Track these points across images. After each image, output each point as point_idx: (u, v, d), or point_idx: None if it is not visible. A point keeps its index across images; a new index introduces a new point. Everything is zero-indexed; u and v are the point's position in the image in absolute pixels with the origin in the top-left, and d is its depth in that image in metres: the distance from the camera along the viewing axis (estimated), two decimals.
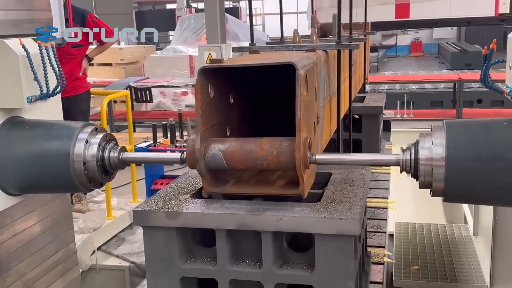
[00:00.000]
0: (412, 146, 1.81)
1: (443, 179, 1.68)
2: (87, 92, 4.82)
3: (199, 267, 1.87)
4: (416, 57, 28.85)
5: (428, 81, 9.83)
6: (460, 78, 8.32)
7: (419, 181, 1.76)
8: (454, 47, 23.55)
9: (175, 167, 7.62)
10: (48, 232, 2.63)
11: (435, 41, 29.94)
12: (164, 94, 10.84)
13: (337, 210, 1.77)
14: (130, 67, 12.41)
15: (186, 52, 11.46)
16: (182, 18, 14.98)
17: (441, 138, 1.72)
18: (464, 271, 3.05)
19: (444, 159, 1.67)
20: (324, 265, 1.75)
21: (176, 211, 1.83)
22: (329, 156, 1.93)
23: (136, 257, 4.06)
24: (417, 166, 1.76)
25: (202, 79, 1.88)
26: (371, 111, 3.90)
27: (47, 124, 2.09)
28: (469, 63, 19.79)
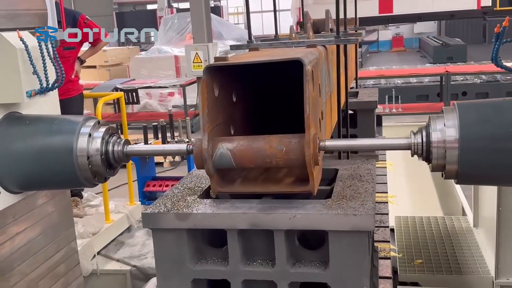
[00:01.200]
0: (423, 129, 1.79)
1: (457, 161, 1.66)
2: (80, 95, 4.75)
3: (210, 268, 1.84)
4: (398, 52, 29.03)
5: (416, 75, 9.89)
6: (447, 71, 8.38)
7: (431, 165, 1.75)
8: (435, 41, 23.75)
9: (166, 169, 7.58)
10: (50, 231, 2.58)
11: (416, 35, 30.18)
12: (150, 95, 10.77)
13: (350, 206, 1.75)
14: (115, 69, 12.30)
15: (171, 52, 11.39)
16: (165, 18, 14.89)
17: (453, 119, 1.70)
18: (468, 263, 3.06)
19: (457, 141, 1.65)
20: (338, 262, 1.73)
21: (186, 213, 1.81)
22: (338, 142, 1.91)
23: (137, 260, 4.01)
24: (429, 149, 1.74)
25: (208, 77, 1.85)
26: (366, 106, 3.90)
27: (48, 119, 2.04)
28: (450, 56, 19.99)
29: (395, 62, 21.29)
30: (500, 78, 11.25)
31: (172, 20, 13.68)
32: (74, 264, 2.69)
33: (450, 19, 12.54)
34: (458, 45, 21.79)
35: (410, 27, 30.24)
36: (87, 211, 4.34)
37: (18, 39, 2.11)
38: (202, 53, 7.74)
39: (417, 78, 11.28)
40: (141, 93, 10.06)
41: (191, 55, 7.80)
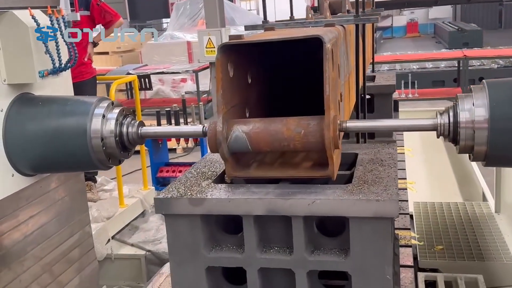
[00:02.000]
0: (450, 109, 1.69)
1: (486, 142, 1.57)
2: (93, 78, 4.69)
3: (226, 256, 1.77)
4: (412, 37, 28.69)
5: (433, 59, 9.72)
6: (465, 55, 8.20)
7: (458, 146, 1.66)
8: (451, 26, 23.41)
9: (179, 155, 7.53)
10: (63, 215, 2.54)
11: (431, 21, 29.77)
12: (163, 81, 10.70)
13: (372, 192, 1.67)
14: (127, 55, 12.23)
15: (184, 38, 11.30)
16: (177, 4, 14.77)
17: (482, 98, 1.60)
18: (490, 249, 2.98)
19: (487, 121, 1.56)
20: (360, 250, 1.65)
21: (201, 198, 1.73)
22: (360, 123, 1.83)
23: (152, 245, 3.97)
24: (456, 130, 1.65)
25: (222, 56, 1.77)
26: (383, 90, 3.78)
27: (61, 100, 1.99)
28: (466, 42, 19.70)
29: (409, 48, 21.01)
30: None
31: (185, 6, 13.56)
32: (89, 248, 2.65)
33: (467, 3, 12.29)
34: (474, 30, 21.46)
35: (425, 12, 29.83)
36: (101, 196, 4.31)
37: (29, 17, 2.04)
38: (215, 38, 7.61)
39: (433, 63, 11.10)
40: (153, 79, 10.00)
41: (204, 40, 7.67)
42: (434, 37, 27.14)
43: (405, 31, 29.95)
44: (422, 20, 30.10)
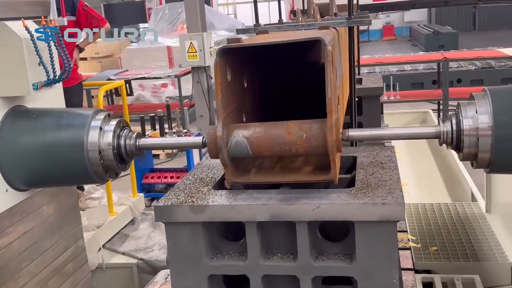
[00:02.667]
0: (452, 116, 1.69)
1: (490, 150, 1.57)
2: (79, 84, 4.60)
3: (228, 264, 1.74)
4: (388, 41, 28.96)
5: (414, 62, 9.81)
6: (445, 57, 8.29)
7: (462, 154, 1.65)
8: (426, 29, 23.70)
9: (162, 160, 7.46)
10: (57, 229, 2.47)
11: (407, 24, 30.11)
12: (143, 87, 10.60)
13: (377, 195, 1.65)
14: (106, 61, 12.11)
15: (164, 43, 11.21)
16: (155, 9, 14.70)
17: (485, 106, 1.60)
18: (484, 249, 2.99)
19: (491, 128, 1.56)
20: (365, 255, 1.63)
21: (202, 205, 1.69)
22: (363, 132, 1.81)
23: (144, 253, 3.90)
24: (459, 138, 1.64)
25: (221, 60, 1.73)
26: (371, 93, 3.80)
27: (56, 113, 1.94)
28: (442, 44, 19.98)
29: (386, 51, 21.23)
30: (494, 65, 11.20)
31: (163, 10, 13.48)
32: (83, 262, 2.59)
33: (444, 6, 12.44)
34: (449, 33, 21.77)
35: (401, 15, 30.16)
36: (89, 204, 4.22)
37: (22, 29, 1.98)
38: (196, 43, 7.58)
39: (412, 66, 11.20)
40: (133, 85, 9.89)
41: (185, 45, 7.64)
42: (410, 40, 27.44)
43: (382, 34, 30.22)
44: (398, 23, 30.42)
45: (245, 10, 28.82)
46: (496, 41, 18.63)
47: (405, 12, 29.21)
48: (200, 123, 7.89)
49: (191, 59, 7.75)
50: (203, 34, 7.67)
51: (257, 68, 2.14)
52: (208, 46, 7.75)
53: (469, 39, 23.10)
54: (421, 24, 27.34)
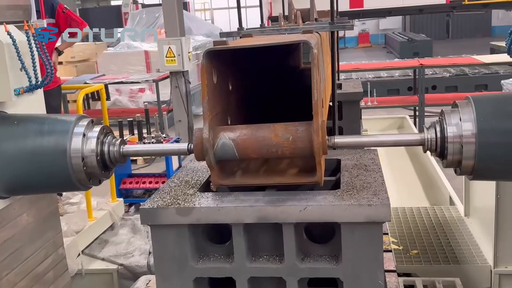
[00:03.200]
0: (436, 123, 1.72)
1: (474, 156, 1.60)
2: (58, 87, 4.53)
3: (214, 266, 1.73)
4: (364, 48, 29.30)
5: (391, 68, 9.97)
6: (421, 64, 8.43)
7: (446, 161, 1.67)
8: (401, 37, 24.04)
9: (140, 166, 7.39)
10: (38, 237, 2.41)
11: (382, 32, 30.51)
12: (120, 91, 10.51)
13: (363, 197, 1.66)
14: (82, 65, 11.98)
15: (141, 47, 11.14)
16: (132, 13, 14.61)
17: (469, 113, 1.63)
18: (464, 252, 3.03)
19: (474, 135, 1.59)
20: (351, 256, 1.65)
21: (189, 207, 1.69)
22: (348, 139, 1.83)
23: (124, 258, 3.84)
24: (443, 145, 1.67)
25: (208, 62, 1.73)
26: (351, 98, 3.83)
27: (38, 119, 1.90)
28: (417, 51, 20.28)
29: (362, 58, 21.45)
30: (468, 72, 11.42)
31: (140, 15, 13.40)
32: (63, 270, 2.54)
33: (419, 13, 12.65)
34: (424, 40, 22.14)
35: (376, 23, 30.57)
36: (67, 209, 4.16)
37: (4, 33, 1.95)
38: (175, 47, 7.57)
39: (388, 72, 11.36)
40: (110, 89, 9.81)
41: (164, 50, 7.62)
42: (385, 47, 27.81)
43: (357, 41, 30.57)
44: (373, 30, 30.82)
45: (222, 16, 28.89)
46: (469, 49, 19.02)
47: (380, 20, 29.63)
48: (178, 128, 7.86)
49: (169, 64, 7.73)
50: (182, 39, 7.66)
51: (240, 72, 2.15)
52: (186, 50, 7.74)
53: (442, 46, 23.53)
54: (395, 31, 27.74)
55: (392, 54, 23.51)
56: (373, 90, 8.47)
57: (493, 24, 28.66)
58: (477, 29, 28.42)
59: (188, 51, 7.81)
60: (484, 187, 3.01)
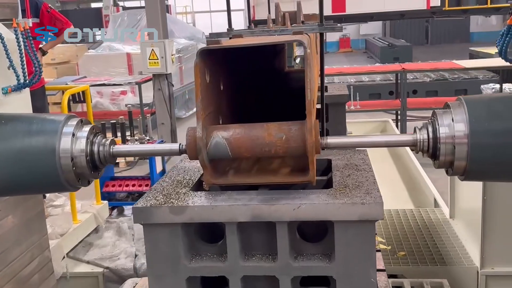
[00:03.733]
0: (428, 124, 1.73)
1: (466, 157, 1.61)
2: (42, 88, 4.48)
3: (207, 265, 1.73)
4: (345, 52, 29.51)
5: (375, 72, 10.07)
6: (403, 68, 8.52)
7: (438, 161, 1.69)
8: (381, 42, 24.28)
9: (122, 169, 7.34)
10: (24, 239, 2.37)
11: (362, 37, 30.76)
12: (101, 94, 10.43)
13: (356, 195, 1.68)
14: (62, 67, 11.85)
15: (123, 49, 11.06)
16: (114, 15, 14.51)
17: (461, 114, 1.64)
18: (450, 254, 3.06)
19: (467, 136, 1.60)
20: (344, 254, 1.66)
21: (182, 206, 1.68)
22: (341, 139, 1.84)
23: (109, 261, 3.80)
24: (436, 145, 1.68)
25: (201, 61, 1.74)
26: (337, 100, 3.85)
27: (26, 118, 1.87)
28: (397, 56, 20.49)
29: (343, 63, 21.62)
30: (448, 77, 11.59)
31: (122, 17, 13.31)
32: (49, 273, 2.49)
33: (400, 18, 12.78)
34: (404, 46, 22.37)
35: (356, 28, 30.81)
36: (50, 212, 4.09)
37: None
38: (158, 50, 7.54)
39: (369, 77, 11.47)
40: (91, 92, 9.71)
41: (147, 52, 7.58)
42: (366, 52, 28.04)
43: (338, 46, 30.76)
44: (354, 36, 31.05)
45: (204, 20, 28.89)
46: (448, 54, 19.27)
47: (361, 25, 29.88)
48: (161, 130, 7.83)
49: (152, 66, 7.69)
50: (165, 41, 7.64)
51: (230, 73, 2.15)
52: (170, 53, 7.72)
53: (422, 52, 23.83)
54: (376, 37, 27.99)
55: (373, 59, 23.72)
56: (357, 94, 8.54)
57: (472, 30, 29.12)
58: (456, 35, 28.84)
59: (171, 53, 7.79)
60: (470, 189, 3.04)
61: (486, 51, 14.77)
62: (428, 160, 1.75)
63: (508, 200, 2.71)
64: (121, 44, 11.32)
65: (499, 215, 2.71)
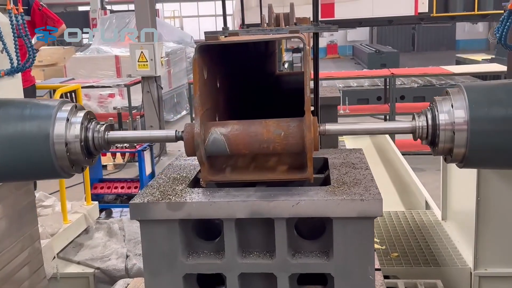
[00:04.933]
0: (427, 111, 1.71)
1: (465, 144, 1.60)
2: (33, 86, 4.42)
3: (205, 262, 1.71)
4: (332, 58, 29.63)
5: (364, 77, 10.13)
6: (392, 73, 8.58)
7: (437, 148, 1.67)
8: (368, 48, 24.43)
9: (110, 171, 7.28)
10: (14, 228, 2.32)
11: (350, 43, 30.93)
12: (89, 96, 10.34)
13: (355, 192, 1.67)
14: (50, 69, 11.76)
15: (112, 52, 11.00)
16: (102, 18, 14.43)
17: (461, 100, 1.62)
18: (443, 255, 3.07)
19: (466, 123, 1.59)
20: (343, 251, 1.65)
21: (180, 202, 1.67)
22: (340, 126, 1.83)
23: (100, 262, 3.75)
24: (435, 132, 1.67)
25: (199, 57, 1.73)
26: (329, 102, 3.88)
27: (19, 103, 1.83)
28: (384, 63, 20.62)
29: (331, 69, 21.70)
30: (435, 83, 11.67)
31: (110, 20, 13.24)
32: (38, 266, 2.45)
33: (388, 24, 12.85)
34: (391, 52, 22.52)
35: (344, 34, 30.99)
36: (40, 212, 4.03)
37: None
38: (147, 52, 7.51)
39: (357, 82, 11.53)
40: None
41: (136, 54, 7.55)
42: (353, 58, 28.19)
43: (326, 52, 30.90)
44: (341, 42, 31.22)
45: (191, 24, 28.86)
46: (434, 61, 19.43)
47: (348, 32, 30.06)
48: None
49: (141, 69, 7.66)
50: (155, 44, 7.61)
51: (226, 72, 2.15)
52: (159, 56, 7.69)
53: (409, 59, 24.01)
54: (363, 43, 28.16)
55: (360, 65, 23.85)
56: (346, 99, 8.57)
57: (458, 37, 29.42)
58: (442, 43, 29.12)
59: (160, 56, 7.76)
60: (463, 190, 3.05)
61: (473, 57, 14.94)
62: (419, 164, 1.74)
63: (501, 200, 2.72)
64: (110, 47, 11.25)
65: (493, 216, 2.72)
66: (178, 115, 12.27)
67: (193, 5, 31.09)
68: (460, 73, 10.19)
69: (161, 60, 7.91)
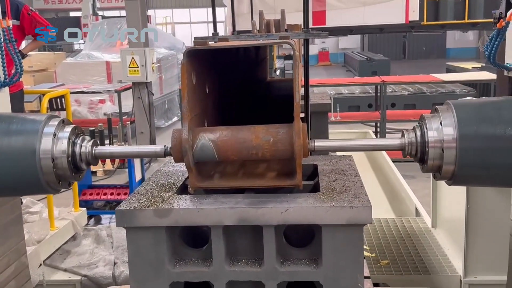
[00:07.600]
0: (416, 128, 1.72)
1: (454, 162, 1.60)
2: (21, 91, 4.38)
3: (192, 270, 1.69)
4: (324, 66, 29.73)
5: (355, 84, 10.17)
6: (383, 81, 8.60)
7: (426, 165, 1.67)
8: (360, 56, 24.54)
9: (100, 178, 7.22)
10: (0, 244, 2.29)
11: (341, 51, 31.07)
12: (79, 102, 10.29)
13: (344, 199, 1.66)
14: (40, 75, 11.70)
15: (102, 58, 10.95)
16: (94, 24, 14.38)
17: (450, 118, 1.63)
18: (433, 263, 3.06)
19: (455, 140, 1.59)
20: (332, 259, 1.63)
21: (167, 209, 1.64)
22: (328, 142, 1.83)
23: (87, 269, 3.70)
24: (424, 149, 1.67)
25: (188, 62, 1.71)
26: (320, 109, 3.86)
27: (5, 118, 1.81)
28: (375, 70, 20.71)
29: (323, 76, 21.76)
30: (426, 91, 11.72)
31: (102, 26, 13.20)
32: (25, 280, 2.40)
33: (379, 32, 12.91)
34: (382, 60, 22.63)
35: (335, 42, 31.13)
36: (27, 218, 3.98)
37: None
38: (138, 58, 7.48)
39: (349, 90, 11.56)
40: None
41: (127, 60, 7.52)
42: (344, 66, 28.29)
43: (317, 59, 30.99)
44: (333, 49, 31.34)
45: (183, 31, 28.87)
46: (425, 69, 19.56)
47: (340, 39, 30.20)
48: (140, 139, 7.75)
49: (132, 74, 7.63)
50: (145, 50, 7.58)
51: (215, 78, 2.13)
52: (150, 61, 7.66)
53: (399, 67, 24.13)
54: (354, 51, 28.28)
55: (351, 73, 23.94)
56: (337, 106, 8.59)
57: (448, 46, 29.63)
58: (432, 51, 29.33)
59: (151, 62, 7.73)
60: (453, 198, 3.05)
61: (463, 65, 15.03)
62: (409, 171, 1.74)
63: (491, 208, 2.72)
64: (100, 52, 11.21)
65: (482, 224, 2.72)
66: (169, 121, 12.24)
67: (185, 11, 31.11)
68: (450, 81, 10.24)
69: (152, 66, 7.88)
